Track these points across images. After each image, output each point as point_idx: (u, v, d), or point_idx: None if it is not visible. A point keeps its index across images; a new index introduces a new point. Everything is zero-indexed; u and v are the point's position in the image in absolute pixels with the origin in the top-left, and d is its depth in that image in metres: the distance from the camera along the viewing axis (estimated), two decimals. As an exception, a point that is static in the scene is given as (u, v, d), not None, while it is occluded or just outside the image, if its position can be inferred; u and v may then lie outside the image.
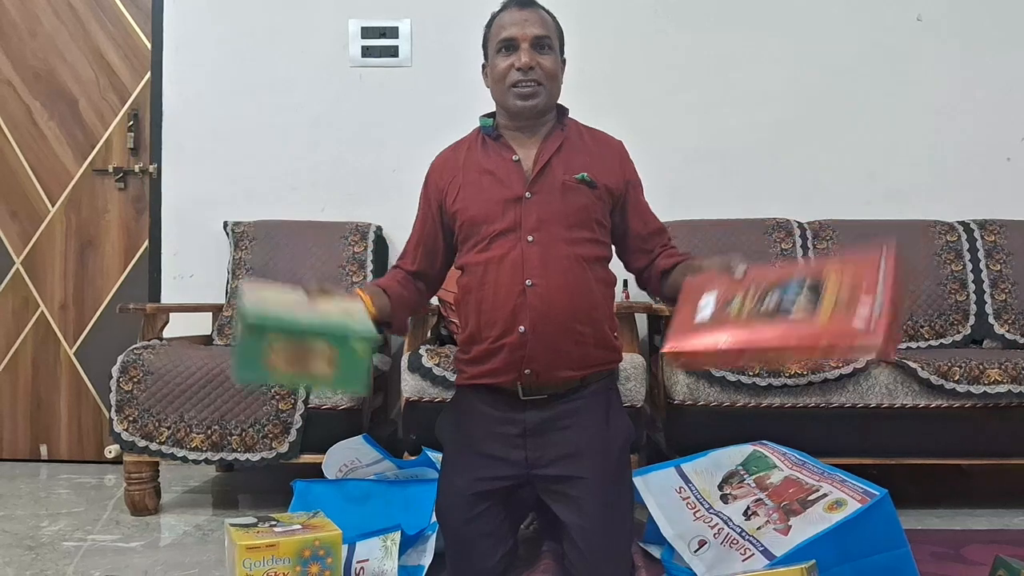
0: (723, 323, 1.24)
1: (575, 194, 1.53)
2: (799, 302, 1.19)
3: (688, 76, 2.93)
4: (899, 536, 1.44)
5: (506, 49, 1.55)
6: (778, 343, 1.17)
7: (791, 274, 1.24)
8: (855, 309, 1.12)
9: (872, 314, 1.10)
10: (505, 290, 1.48)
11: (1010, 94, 2.90)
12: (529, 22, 1.54)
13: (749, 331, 1.21)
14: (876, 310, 1.10)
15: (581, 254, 1.51)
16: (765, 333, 1.19)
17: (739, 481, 1.69)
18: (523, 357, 1.48)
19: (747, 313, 1.23)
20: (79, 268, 3.00)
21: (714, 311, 1.27)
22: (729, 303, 1.26)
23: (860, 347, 1.12)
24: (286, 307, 1.32)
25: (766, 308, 1.22)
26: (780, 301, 1.21)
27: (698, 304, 1.30)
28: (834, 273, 1.20)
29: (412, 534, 1.68)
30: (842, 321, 1.12)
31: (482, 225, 1.53)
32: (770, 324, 1.19)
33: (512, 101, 1.55)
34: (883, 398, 2.14)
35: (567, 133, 1.60)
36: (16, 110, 3.01)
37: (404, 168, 2.90)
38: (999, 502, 2.34)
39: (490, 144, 1.60)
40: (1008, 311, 2.60)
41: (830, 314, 1.14)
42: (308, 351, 1.26)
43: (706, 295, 1.31)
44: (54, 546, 2.00)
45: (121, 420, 2.21)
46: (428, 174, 1.67)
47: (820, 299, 1.18)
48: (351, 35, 2.97)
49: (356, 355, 1.29)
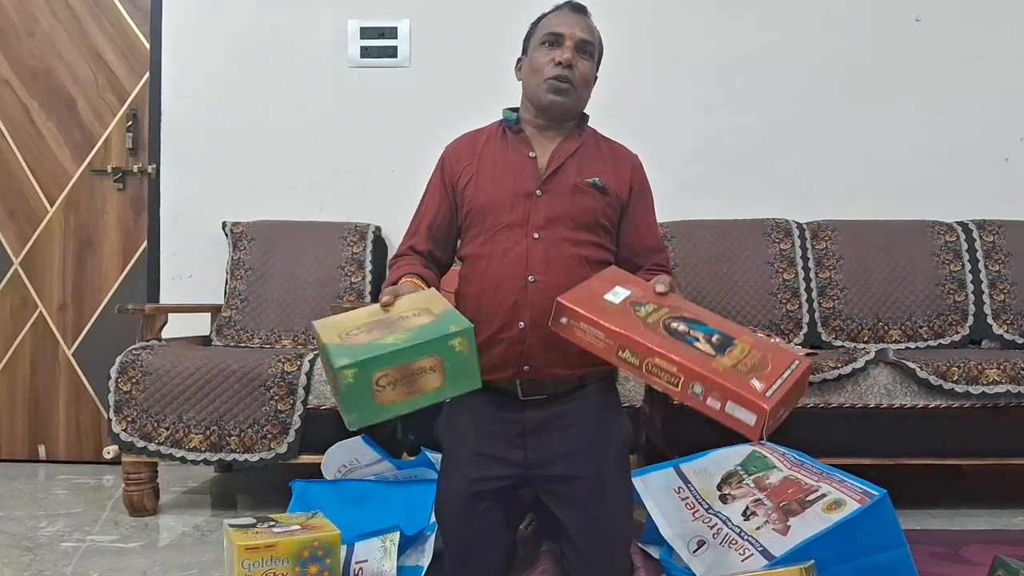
0: (623, 314, 1.21)
1: (585, 197, 1.54)
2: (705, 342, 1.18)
3: (687, 76, 2.93)
4: (898, 536, 1.44)
5: (551, 44, 1.57)
6: (665, 354, 1.15)
7: (708, 319, 1.23)
8: (753, 377, 1.11)
9: (767, 389, 1.09)
10: (508, 284, 1.49)
11: (1008, 95, 2.91)
12: (579, 25, 1.58)
13: (644, 331, 1.19)
14: (773, 388, 1.10)
15: (585, 255, 1.52)
16: (657, 340, 1.16)
17: (738, 481, 1.69)
18: (522, 353, 1.48)
19: (651, 320, 1.21)
20: (77, 268, 3.00)
21: (622, 302, 1.25)
22: (641, 306, 1.25)
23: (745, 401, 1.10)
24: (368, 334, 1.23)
25: (671, 328, 1.20)
26: (688, 330, 1.20)
27: (613, 287, 1.28)
28: (748, 343, 1.19)
29: (411, 534, 1.68)
30: (740, 375, 1.11)
31: (489, 216, 1.54)
32: (667, 338, 1.17)
33: (544, 94, 1.56)
34: (882, 398, 2.14)
35: (585, 139, 1.62)
36: (14, 110, 3.01)
37: (403, 168, 2.90)
38: (998, 502, 2.34)
39: (509, 137, 1.61)
40: (1007, 311, 2.60)
41: (732, 365, 1.13)
42: (414, 372, 1.20)
43: (620, 287, 1.30)
44: (52, 547, 2.00)
45: (120, 421, 2.20)
46: (444, 156, 1.66)
47: (726, 350, 1.17)
48: (350, 35, 2.97)
49: (461, 355, 1.22)
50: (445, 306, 1.30)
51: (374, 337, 1.22)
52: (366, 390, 1.17)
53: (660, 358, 1.15)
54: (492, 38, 2.50)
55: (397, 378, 1.19)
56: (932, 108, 2.91)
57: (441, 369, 1.21)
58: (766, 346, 1.20)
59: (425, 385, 1.21)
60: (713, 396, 1.12)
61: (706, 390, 1.12)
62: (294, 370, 2.18)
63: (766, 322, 2.60)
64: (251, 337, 2.66)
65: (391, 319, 1.28)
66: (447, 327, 1.22)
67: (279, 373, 2.18)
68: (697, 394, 1.13)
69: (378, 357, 1.18)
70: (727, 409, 1.11)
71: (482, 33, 2.90)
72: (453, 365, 1.22)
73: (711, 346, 1.17)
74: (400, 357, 1.19)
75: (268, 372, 2.19)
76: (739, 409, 1.10)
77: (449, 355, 1.21)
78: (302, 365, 2.19)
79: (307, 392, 2.17)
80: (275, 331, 2.67)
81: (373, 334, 1.24)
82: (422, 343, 1.20)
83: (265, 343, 2.64)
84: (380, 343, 1.20)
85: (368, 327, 1.26)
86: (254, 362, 2.21)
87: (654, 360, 1.16)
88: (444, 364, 1.21)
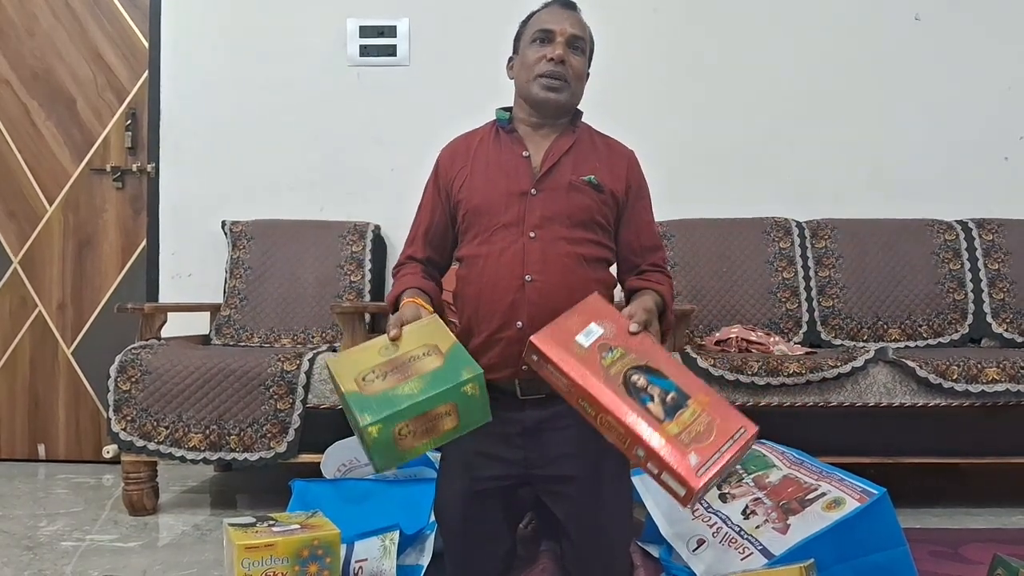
0: (589, 362, 1.27)
1: (580, 195, 1.54)
2: (659, 401, 1.24)
3: (686, 74, 2.93)
4: (897, 535, 1.44)
5: (542, 41, 1.56)
6: (616, 414, 1.22)
7: (671, 373, 1.28)
8: (692, 451, 1.18)
9: (702, 465, 1.17)
10: (504, 284, 1.48)
11: (1008, 93, 2.91)
12: (569, 21, 1.57)
13: (604, 385, 1.25)
14: (708, 463, 1.17)
15: (581, 253, 1.51)
16: (613, 399, 1.23)
17: (738, 480, 1.69)
18: (520, 352, 1.48)
19: (614, 371, 1.27)
20: (77, 268, 3.00)
21: (591, 345, 1.30)
22: (609, 351, 1.30)
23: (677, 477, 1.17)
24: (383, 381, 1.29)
25: (631, 382, 1.26)
26: (647, 386, 1.26)
27: (588, 324, 1.33)
28: (701, 404, 1.25)
29: (411, 534, 1.68)
30: (679, 448, 1.18)
31: (485, 217, 1.53)
32: (624, 397, 1.23)
33: (536, 91, 1.55)
34: (881, 397, 2.14)
35: (579, 135, 1.61)
36: (14, 109, 3.01)
37: (402, 167, 2.90)
38: (997, 501, 2.34)
39: (503, 137, 1.60)
40: (1006, 310, 2.60)
41: (676, 434, 1.20)
42: (432, 419, 1.27)
43: (595, 324, 1.33)
44: (52, 546, 2.00)
45: (119, 420, 2.20)
46: (438, 160, 1.66)
47: (676, 414, 1.23)
48: (349, 34, 2.96)
49: (474, 397, 1.28)
50: (451, 343, 1.34)
51: (389, 385, 1.29)
52: (390, 440, 1.25)
53: (612, 417, 1.22)
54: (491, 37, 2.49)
55: (417, 428, 1.26)
56: (931, 107, 2.91)
57: (456, 412, 1.28)
58: (717, 408, 1.26)
59: (442, 428, 1.29)
60: (652, 463, 1.19)
61: (647, 456, 1.19)
62: (293, 369, 2.18)
63: (766, 320, 2.60)
64: (251, 336, 2.66)
65: (403, 359, 1.33)
66: (459, 374, 1.28)
67: (279, 372, 2.18)
68: (640, 457, 1.21)
69: (399, 412, 1.24)
70: (662, 477, 1.19)
71: (481, 32, 2.90)
72: (466, 407, 1.29)
73: (663, 408, 1.24)
74: (418, 409, 1.26)
75: (268, 371, 2.19)
76: (673, 481, 1.18)
77: (462, 400, 1.28)
78: (301, 364, 2.19)
79: (307, 391, 2.17)
80: (275, 330, 2.67)
81: (388, 381, 1.29)
82: (437, 394, 1.26)
83: (265, 342, 2.64)
84: (398, 395, 1.27)
85: (382, 370, 1.32)
86: (253, 361, 2.21)
87: (607, 417, 1.23)
88: (458, 408, 1.28)
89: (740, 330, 2.44)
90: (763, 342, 2.38)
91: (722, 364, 2.15)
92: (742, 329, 2.45)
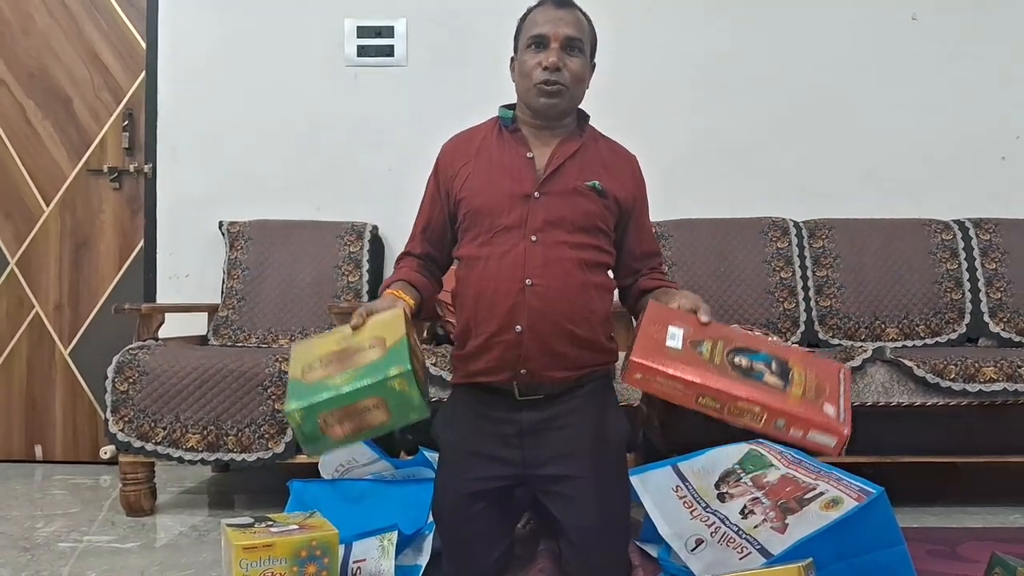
0: (693, 360, 1.28)
1: (584, 200, 1.52)
2: (770, 373, 1.27)
3: (683, 74, 2.93)
4: (895, 534, 1.44)
5: (536, 46, 1.53)
6: (747, 397, 1.24)
7: (758, 345, 1.32)
8: (824, 403, 1.23)
9: (839, 413, 1.22)
10: (505, 287, 1.47)
11: (1005, 93, 2.91)
12: (564, 22, 1.53)
13: (720, 376, 1.27)
14: (841, 409, 1.23)
15: (583, 258, 1.51)
16: (736, 384, 1.25)
17: (736, 480, 1.69)
18: (519, 356, 1.47)
19: (717, 361, 1.29)
20: (74, 268, 3.00)
21: (683, 345, 1.31)
22: (699, 344, 1.31)
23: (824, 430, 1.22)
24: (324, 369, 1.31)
25: (737, 365, 1.28)
26: (751, 364, 1.29)
27: (667, 330, 1.33)
28: (799, 364, 1.29)
29: (409, 534, 1.68)
30: (813, 405, 1.22)
31: (487, 217, 1.52)
32: (742, 379, 1.26)
33: (535, 98, 1.53)
34: (879, 396, 2.14)
35: (585, 139, 1.59)
36: (10, 109, 3.00)
37: (400, 167, 2.90)
38: (995, 500, 2.35)
39: (506, 136, 1.58)
40: (1003, 309, 2.60)
41: (801, 395, 1.24)
42: (359, 410, 1.27)
43: (672, 327, 1.34)
44: (49, 547, 2.00)
45: (116, 421, 2.20)
46: (439, 157, 1.64)
47: (789, 380, 1.27)
48: (347, 34, 2.96)
49: (402, 393, 1.27)
50: (398, 337, 1.33)
51: (327, 374, 1.30)
52: (315, 428, 1.26)
53: (742, 402, 1.24)
54: (488, 37, 2.49)
55: (343, 417, 1.27)
56: (929, 106, 2.91)
57: (385, 407, 1.27)
58: (810, 361, 1.30)
59: (371, 421, 1.28)
60: (795, 428, 1.23)
61: (788, 424, 1.23)
62: (291, 370, 2.18)
63: (763, 320, 2.60)
64: (248, 337, 2.66)
65: (351, 350, 1.34)
66: (387, 370, 1.27)
67: (276, 373, 2.18)
68: (781, 427, 1.23)
69: (322, 401, 1.26)
70: (809, 437, 1.23)
71: (478, 32, 2.90)
72: (396, 402, 1.28)
73: (776, 377, 1.27)
74: (342, 400, 1.26)
75: (265, 372, 2.18)
76: (821, 436, 1.22)
77: (390, 395, 1.27)
78: (299, 365, 2.19)
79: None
80: (272, 330, 2.66)
81: (328, 370, 1.31)
82: (362, 387, 1.26)
83: (262, 343, 2.64)
84: (327, 384, 1.28)
85: (329, 359, 1.33)
86: (251, 362, 2.20)
87: (736, 404, 1.25)
88: (387, 402, 1.27)
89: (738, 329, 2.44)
90: (761, 342, 2.38)
91: (720, 364, 2.14)
92: (740, 328, 2.45)
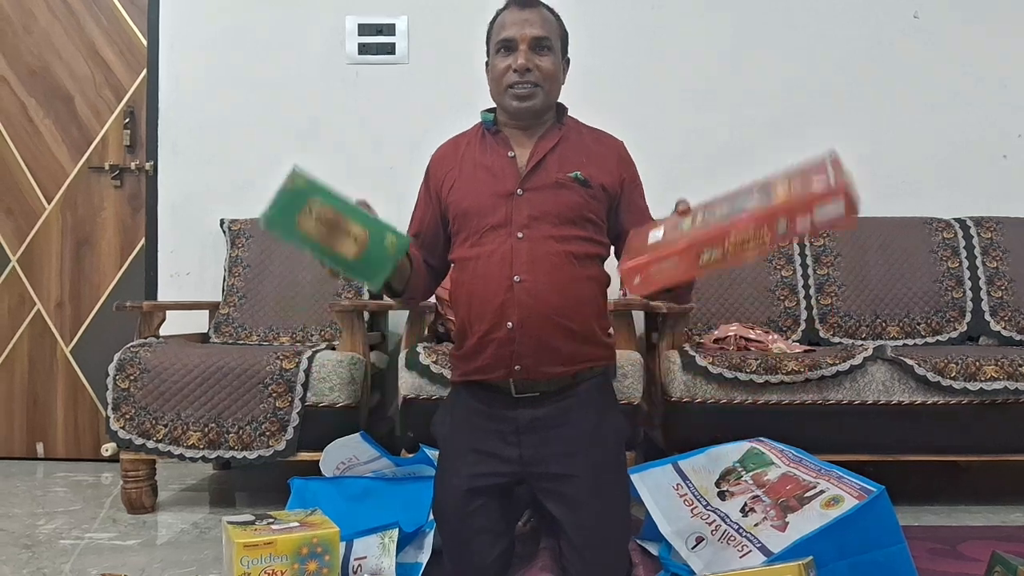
0: (677, 236, 1.27)
1: (568, 192, 1.53)
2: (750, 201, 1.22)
3: (684, 72, 2.93)
4: (896, 532, 1.44)
5: (505, 49, 1.56)
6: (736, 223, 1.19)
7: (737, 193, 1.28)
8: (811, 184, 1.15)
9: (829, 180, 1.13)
10: (494, 285, 1.49)
11: (1007, 91, 2.91)
12: (529, 22, 1.54)
13: (704, 230, 1.23)
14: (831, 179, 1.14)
15: (571, 251, 1.51)
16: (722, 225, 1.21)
17: (736, 478, 1.69)
18: (512, 352, 1.48)
19: (699, 222, 1.26)
20: (75, 266, 3.00)
21: (665, 232, 1.30)
22: (680, 224, 1.30)
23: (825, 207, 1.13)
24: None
25: (719, 215, 1.24)
26: (731, 208, 1.24)
27: (649, 233, 1.33)
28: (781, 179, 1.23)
29: (410, 531, 1.68)
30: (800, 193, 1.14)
31: (474, 219, 1.54)
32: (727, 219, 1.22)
33: (508, 102, 1.56)
34: (880, 395, 2.14)
35: (565, 131, 1.60)
36: (11, 107, 3.00)
37: (401, 165, 2.90)
38: (996, 498, 2.35)
39: (489, 139, 1.61)
40: (1004, 308, 2.60)
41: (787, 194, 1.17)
42: (342, 227, 1.29)
43: (653, 231, 1.35)
44: (51, 544, 2.00)
45: (118, 418, 2.20)
46: (429, 165, 1.67)
47: (772, 195, 1.21)
48: (348, 32, 2.96)
49: (385, 248, 1.30)
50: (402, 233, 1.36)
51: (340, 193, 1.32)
52: (297, 205, 1.28)
53: (736, 231, 1.19)
54: (490, 35, 2.50)
55: (325, 217, 1.28)
56: (930, 104, 2.91)
57: (362, 246, 1.29)
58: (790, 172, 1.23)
59: (339, 244, 1.30)
60: (799, 217, 1.15)
61: (789, 220, 1.16)
62: (292, 367, 2.18)
63: (764, 319, 2.60)
64: (249, 334, 2.66)
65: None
66: (394, 227, 1.32)
67: (277, 370, 2.18)
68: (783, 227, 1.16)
69: (325, 189, 1.30)
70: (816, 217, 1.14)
71: (480, 29, 2.86)
72: (372, 251, 1.30)
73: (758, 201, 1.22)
74: (341, 206, 1.30)
75: (266, 369, 2.18)
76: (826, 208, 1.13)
77: (375, 242, 1.29)
78: (300, 362, 2.19)
79: (305, 389, 2.17)
80: (273, 328, 2.66)
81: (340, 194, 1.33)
82: (365, 215, 1.31)
83: (263, 340, 2.64)
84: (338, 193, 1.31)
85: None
86: (252, 359, 2.21)
87: (731, 238, 1.20)
88: (368, 243, 1.29)
89: (739, 328, 2.44)
90: (762, 340, 2.38)
91: (720, 362, 2.15)
92: (740, 327, 2.45)
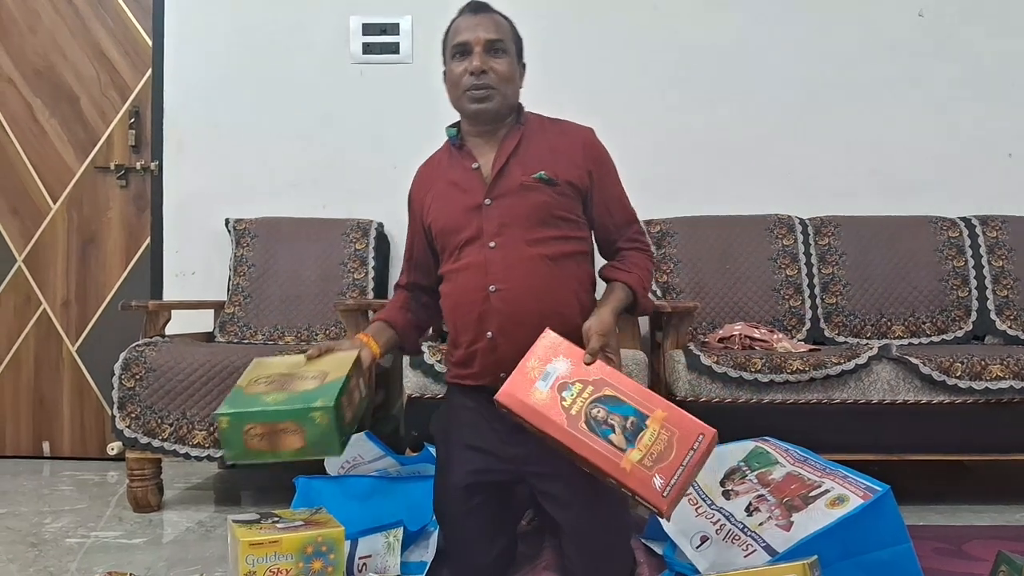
0: (551, 407, 1.36)
1: (535, 194, 1.52)
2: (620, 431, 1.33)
3: (688, 69, 2.93)
4: (901, 532, 1.44)
5: (460, 54, 1.57)
6: (583, 454, 1.31)
7: (626, 396, 1.36)
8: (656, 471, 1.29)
9: (668, 484, 1.27)
10: (471, 296, 1.51)
11: (1012, 89, 2.90)
12: (481, 26, 1.56)
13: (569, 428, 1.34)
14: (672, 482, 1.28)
15: (546, 253, 1.51)
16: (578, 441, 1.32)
17: (741, 477, 1.69)
18: (495, 361, 1.49)
19: (575, 410, 1.35)
20: (81, 265, 3.01)
21: (550, 388, 1.37)
22: (567, 388, 1.37)
23: (647, 501, 1.28)
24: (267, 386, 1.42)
25: (592, 417, 1.34)
26: (606, 417, 1.34)
27: (545, 369, 1.39)
28: (658, 422, 1.33)
29: (414, 530, 1.69)
30: (644, 474, 1.29)
31: (451, 235, 1.56)
32: (587, 435, 1.33)
33: (466, 104, 1.56)
34: (885, 394, 2.14)
35: (525, 131, 1.59)
36: (17, 107, 3.01)
37: (405, 165, 2.84)
38: (1001, 498, 2.34)
39: (455, 154, 1.62)
40: (1010, 307, 2.60)
41: (639, 460, 1.30)
42: (278, 430, 1.37)
43: (553, 363, 1.40)
44: (57, 543, 2.01)
45: (123, 417, 2.21)
46: (410, 191, 1.71)
47: (637, 440, 1.32)
48: (352, 31, 2.96)
49: (321, 426, 1.36)
50: (339, 376, 1.43)
51: (265, 391, 1.42)
52: (238, 436, 1.37)
53: (579, 455, 1.32)
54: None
55: (264, 432, 1.37)
56: (935, 103, 2.90)
57: (302, 433, 1.37)
58: (675, 421, 1.34)
59: (286, 443, 1.38)
60: (624, 490, 1.31)
61: (618, 484, 1.30)
62: (297, 366, 2.18)
63: (769, 318, 2.59)
64: (254, 334, 2.66)
65: (296, 376, 1.45)
66: (314, 401, 1.37)
67: (282, 369, 2.18)
68: (612, 484, 1.32)
69: (248, 413, 1.37)
70: (637, 499, 1.30)
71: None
72: (312, 433, 1.37)
73: (624, 436, 1.32)
74: (265, 417, 1.37)
75: (271, 368, 2.18)
76: (645, 503, 1.29)
77: (309, 425, 1.36)
78: (305, 361, 2.19)
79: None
80: (278, 327, 2.67)
81: (270, 387, 1.43)
82: (285, 410, 1.37)
83: (268, 339, 2.65)
84: (259, 400, 1.40)
85: (273, 379, 1.45)
86: (257, 359, 2.21)
87: (577, 456, 1.33)
88: (304, 430, 1.37)
89: (743, 327, 2.44)
90: (766, 339, 2.38)
91: (725, 361, 2.15)
92: (745, 326, 2.45)
